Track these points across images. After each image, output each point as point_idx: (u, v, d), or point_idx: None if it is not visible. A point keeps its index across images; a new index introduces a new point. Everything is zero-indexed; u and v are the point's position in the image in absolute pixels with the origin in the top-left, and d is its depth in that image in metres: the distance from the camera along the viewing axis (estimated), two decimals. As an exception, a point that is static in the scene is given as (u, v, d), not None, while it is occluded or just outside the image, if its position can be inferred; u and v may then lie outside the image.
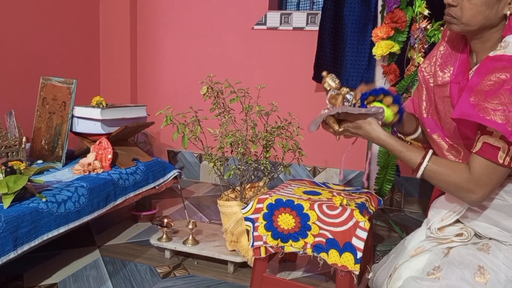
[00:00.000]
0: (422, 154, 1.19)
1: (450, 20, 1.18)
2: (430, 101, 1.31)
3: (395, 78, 2.13)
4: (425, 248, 1.27)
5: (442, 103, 1.25)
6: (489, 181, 1.11)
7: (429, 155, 1.19)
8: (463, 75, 1.21)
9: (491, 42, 1.17)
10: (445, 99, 1.24)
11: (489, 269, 1.14)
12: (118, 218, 2.42)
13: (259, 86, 1.89)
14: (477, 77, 1.12)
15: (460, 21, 1.16)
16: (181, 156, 3.30)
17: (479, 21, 1.14)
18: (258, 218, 1.59)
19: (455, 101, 1.19)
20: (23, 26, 2.60)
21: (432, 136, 1.30)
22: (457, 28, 1.17)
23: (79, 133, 2.27)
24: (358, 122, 1.22)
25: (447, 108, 1.24)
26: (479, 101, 1.09)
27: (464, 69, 1.22)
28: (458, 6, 1.15)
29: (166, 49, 3.24)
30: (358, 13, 2.65)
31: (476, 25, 1.15)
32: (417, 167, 1.19)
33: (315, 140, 2.80)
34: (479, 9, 1.12)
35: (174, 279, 1.81)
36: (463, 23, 1.15)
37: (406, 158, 1.21)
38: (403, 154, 1.21)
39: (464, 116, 1.11)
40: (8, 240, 1.47)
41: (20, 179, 1.59)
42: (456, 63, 1.24)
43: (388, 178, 2.16)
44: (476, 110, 1.08)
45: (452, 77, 1.23)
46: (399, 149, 1.21)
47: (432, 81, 1.30)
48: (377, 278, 1.41)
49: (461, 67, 1.23)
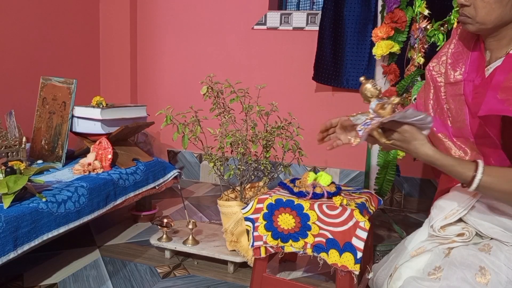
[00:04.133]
0: (474, 167, 1.11)
1: (464, 20, 1.18)
2: (437, 100, 1.31)
3: (395, 78, 2.13)
4: (426, 248, 1.27)
5: (454, 102, 1.25)
6: None
7: (481, 167, 1.11)
8: (476, 73, 1.21)
9: (507, 39, 1.17)
10: (457, 98, 1.24)
11: (490, 270, 1.14)
12: (118, 218, 2.42)
13: (259, 86, 1.89)
14: (501, 74, 1.11)
15: (475, 20, 1.16)
16: (181, 156, 3.30)
17: (494, 18, 1.13)
18: (258, 218, 1.59)
19: (469, 98, 1.19)
20: (23, 26, 2.60)
21: (438, 135, 1.30)
22: (473, 27, 1.17)
23: (79, 133, 2.27)
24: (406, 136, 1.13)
25: (460, 106, 1.23)
26: (507, 96, 1.08)
27: (477, 67, 1.22)
28: (472, 5, 1.15)
29: (166, 49, 3.24)
30: (358, 13, 2.65)
31: (491, 23, 1.14)
32: (470, 181, 1.11)
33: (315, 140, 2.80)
34: (493, 7, 1.12)
35: (174, 279, 1.81)
36: (478, 22, 1.15)
37: (457, 173, 1.13)
38: (453, 168, 1.13)
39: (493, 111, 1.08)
40: (8, 240, 1.47)
41: (20, 179, 1.59)
42: (468, 61, 1.24)
43: (388, 178, 2.16)
44: (506, 105, 1.07)
45: (465, 75, 1.23)
46: (451, 163, 1.13)
47: (440, 80, 1.30)
48: (377, 278, 1.41)
49: (473, 65, 1.22)
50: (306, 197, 1.54)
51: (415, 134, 1.12)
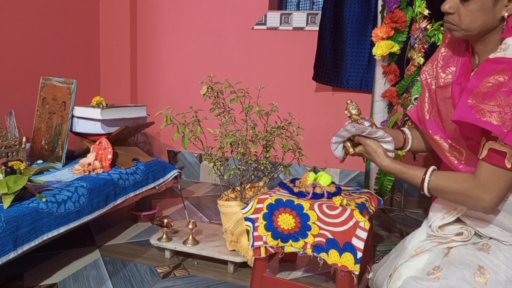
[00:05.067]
0: (423, 171, 1.23)
1: (450, 27, 1.20)
2: (432, 103, 1.32)
3: (395, 78, 2.13)
4: (425, 248, 1.27)
5: (444, 105, 1.26)
6: (496, 187, 1.11)
7: (430, 170, 1.23)
8: (464, 77, 1.22)
9: (492, 44, 1.18)
10: (446, 101, 1.25)
11: (489, 269, 1.14)
12: (118, 218, 2.42)
13: (259, 86, 1.89)
14: (476, 79, 1.13)
15: (459, 27, 1.17)
16: (181, 156, 3.30)
17: (478, 26, 1.15)
18: (258, 218, 1.59)
19: (456, 102, 1.20)
20: (23, 26, 2.60)
21: (434, 137, 1.30)
22: (458, 34, 1.19)
23: (79, 133, 2.27)
24: (367, 149, 1.36)
25: (449, 109, 1.24)
26: (476, 103, 1.09)
27: (465, 70, 1.23)
28: (456, 13, 1.17)
29: (166, 49, 3.24)
30: (358, 13, 2.65)
31: (476, 30, 1.16)
32: (421, 184, 1.23)
33: (315, 140, 2.81)
34: (476, 15, 1.14)
35: (174, 279, 1.81)
36: (462, 29, 1.17)
37: (409, 178, 1.27)
38: (406, 175, 1.27)
39: (462, 118, 1.11)
40: (8, 240, 1.47)
41: (20, 179, 1.59)
42: (458, 65, 1.25)
43: (388, 178, 2.16)
44: (474, 111, 1.09)
45: (454, 78, 1.24)
46: (402, 170, 1.28)
47: (434, 83, 1.31)
48: (377, 278, 1.41)
49: (463, 69, 1.24)
50: (306, 197, 1.54)
51: (374, 147, 1.35)
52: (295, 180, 1.68)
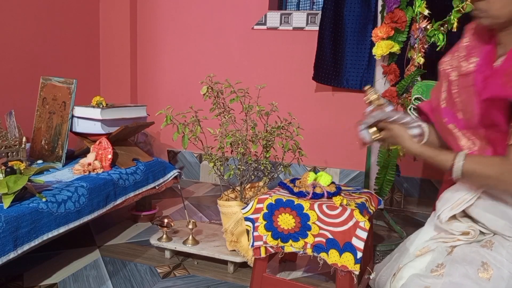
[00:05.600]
0: (453, 155, 1.21)
1: (478, 14, 1.21)
2: (449, 93, 1.34)
3: (395, 78, 2.13)
4: (430, 248, 1.28)
5: (465, 93, 1.28)
6: None
7: (463, 154, 1.20)
8: (486, 66, 1.24)
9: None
10: (468, 89, 1.27)
11: (492, 265, 1.15)
12: (118, 218, 2.42)
13: (259, 86, 1.89)
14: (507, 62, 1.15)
15: (488, 14, 1.18)
16: (181, 156, 3.30)
17: (508, 12, 1.16)
18: (258, 218, 1.59)
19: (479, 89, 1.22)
20: (23, 26, 2.60)
21: (448, 126, 1.32)
22: (486, 21, 1.20)
23: (79, 133, 2.27)
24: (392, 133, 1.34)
25: (470, 97, 1.26)
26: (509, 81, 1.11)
27: (488, 60, 1.25)
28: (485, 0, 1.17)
29: (166, 49, 3.24)
30: (358, 13, 2.65)
31: (504, 17, 1.17)
32: (452, 168, 1.20)
33: (315, 140, 2.81)
34: (506, 1, 1.15)
35: (174, 279, 1.81)
36: (491, 16, 1.18)
37: (439, 162, 1.24)
38: (436, 158, 1.25)
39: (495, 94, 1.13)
40: (8, 240, 1.47)
41: (20, 179, 1.59)
42: (481, 54, 1.27)
43: (388, 178, 2.16)
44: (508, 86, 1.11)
45: (477, 67, 1.25)
46: (432, 154, 1.26)
47: (452, 73, 1.33)
48: (380, 278, 1.41)
49: (486, 58, 1.25)
50: (306, 197, 1.54)
51: (401, 131, 1.33)
52: (295, 180, 1.68)
